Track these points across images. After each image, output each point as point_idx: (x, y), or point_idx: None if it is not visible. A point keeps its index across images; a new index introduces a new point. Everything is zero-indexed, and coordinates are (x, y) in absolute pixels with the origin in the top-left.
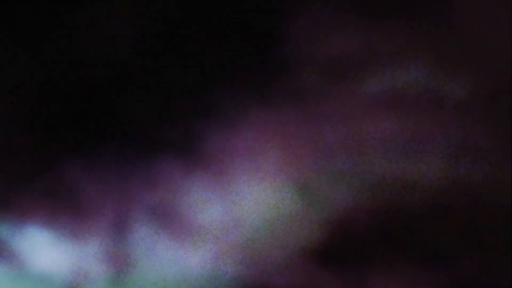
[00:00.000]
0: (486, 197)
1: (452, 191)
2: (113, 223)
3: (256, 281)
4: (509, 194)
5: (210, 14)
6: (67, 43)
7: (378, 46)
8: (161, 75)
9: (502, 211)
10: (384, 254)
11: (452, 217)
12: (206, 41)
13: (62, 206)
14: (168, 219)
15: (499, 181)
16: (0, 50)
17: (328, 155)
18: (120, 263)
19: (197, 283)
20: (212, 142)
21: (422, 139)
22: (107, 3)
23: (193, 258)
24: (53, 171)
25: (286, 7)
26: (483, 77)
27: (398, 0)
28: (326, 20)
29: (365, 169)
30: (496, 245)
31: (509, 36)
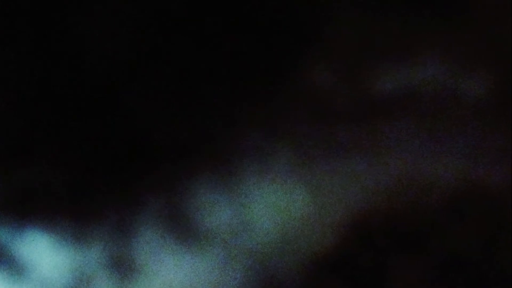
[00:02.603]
0: (506, 199)
1: (470, 193)
2: (116, 227)
3: (266, 287)
4: None
5: (215, 10)
6: (67, 41)
7: (393, 42)
8: (165, 73)
9: None
10: (400, 258)
11: (470, 219)
12: (211, 38)
13: (63, 208)
14: (174, 222)
15: None
16: None
17: (341, 156)
18: (124, 268)
19: None
20: (220, 142)
21: (439, 139)
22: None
23: (200, 263)
24: (53, 172)
25: (296, 3)
26: (503, 75)
27: None
28: (337, 15)
29: (379, 170)
30: None
31: None
